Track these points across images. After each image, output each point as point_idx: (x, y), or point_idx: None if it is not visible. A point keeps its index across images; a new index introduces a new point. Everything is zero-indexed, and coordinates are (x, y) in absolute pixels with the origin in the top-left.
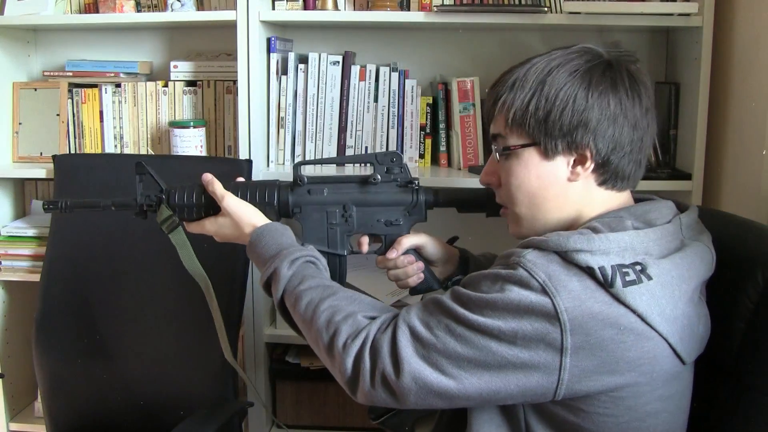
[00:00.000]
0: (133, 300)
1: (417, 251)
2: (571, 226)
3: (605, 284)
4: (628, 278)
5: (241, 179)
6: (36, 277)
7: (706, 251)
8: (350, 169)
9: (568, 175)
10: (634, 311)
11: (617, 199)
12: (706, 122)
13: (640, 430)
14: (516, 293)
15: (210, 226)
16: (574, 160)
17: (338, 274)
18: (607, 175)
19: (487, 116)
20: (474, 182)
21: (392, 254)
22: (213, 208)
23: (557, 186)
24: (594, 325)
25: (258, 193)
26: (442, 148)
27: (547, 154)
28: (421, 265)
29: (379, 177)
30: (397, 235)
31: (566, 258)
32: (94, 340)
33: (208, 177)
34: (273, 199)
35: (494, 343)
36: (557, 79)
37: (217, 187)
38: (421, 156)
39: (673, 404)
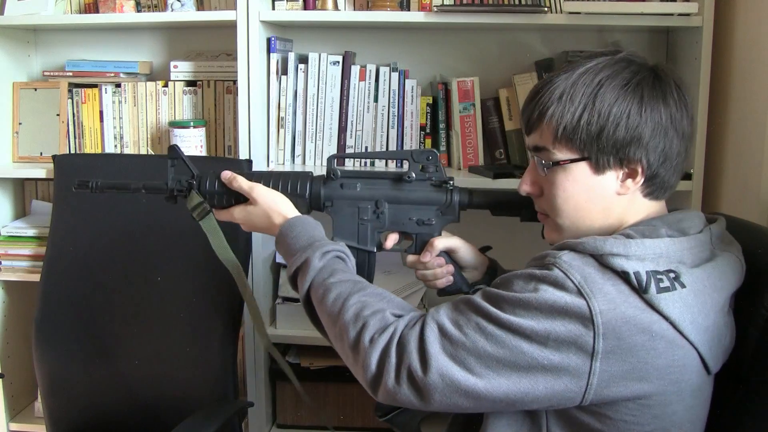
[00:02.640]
0: (133, 300)
1: (448, 254)
2: (611, 231)
3: (639, 290)
4: (662, 285)
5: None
6: (36, 277)
7: (737, 262)
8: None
9: (617, 189)
10: (666, 318)
11: (655, 207)
12: (706, 122)
13: None
14: (551, 293)
15: (239, 214)
16: (624, 174)
17: (366, 272)
18: (654, 186)
19: (526, 127)
20: (483, 182)
21: (426, 257)
22: (243, 195)
23: (605, 199)
24: (627, 329)
25: (290, 184)
26: (442, 148)
27: (598, 168)
28: (450, 268)
29: (414, 175)
30: (429, 234)
31: (602, 261)
32: (94, 340)
33: (228, 174)
34: (305, 191)
35: (525, 344)
36: (608, 94)
37: (241, 182)
38: None
39: (695, 415)
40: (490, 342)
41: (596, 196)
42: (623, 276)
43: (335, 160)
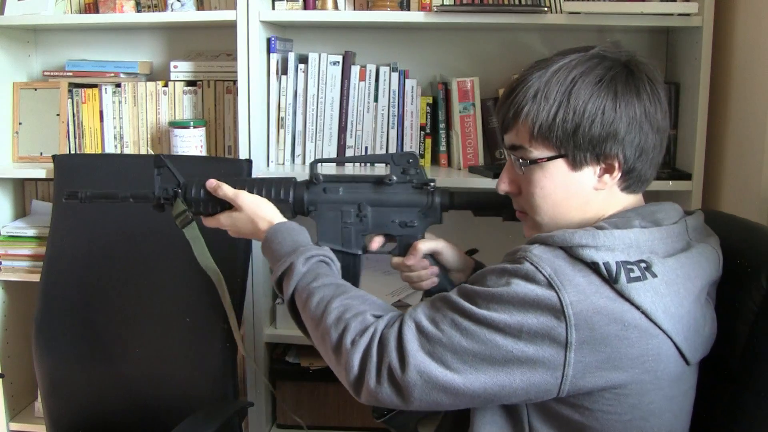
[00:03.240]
0: (133, 300)
1: (433, 256)
2: (587, 225)
3: (610, 280)
4: (632, 275)
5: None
6: (36, 277)
7: (713, 252)
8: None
9: (595, 185)
10: (638, 308)
11: (632, 200)
12: (706, 122)
13: (643, 429)
14: (522, 287)
15: (225, 220)
16: (601, 170)
17: (352, 274)
18: (631, 180)
19: (502, 126)
20: (483, 183)
21: (410, 260)
22: (226, 204)
23: (583, 195)
24: (599, 320)
25: (273, 190)
26: (442, 148)
27: (575, 165)
28: (435, 269)
29: (395, 177)
30: (412, 236)
31: (571, 253)
32: (94, 340)
33: (213, 183)
34: (288, 196)
35: (499, 337)
36: (583, 90)
37: (226, 189)
38: (421, 156)
39: (677, 405)
40: (466, 337)
41: (574, 192)
42: (593, 267)
43: (317, 165)
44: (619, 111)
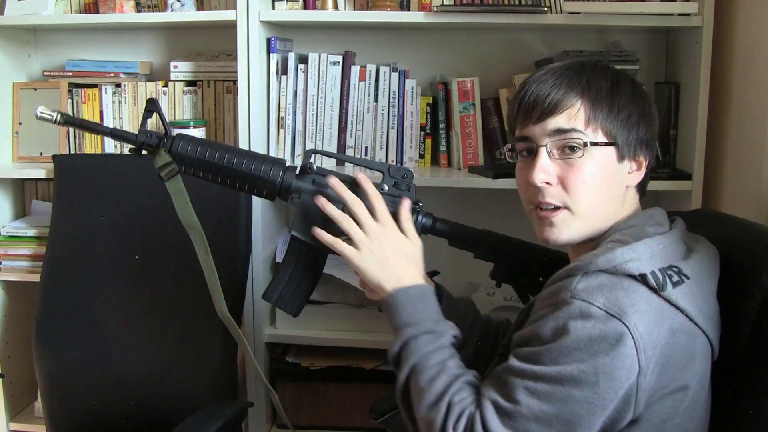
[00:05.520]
0: (133, 300)
1: None
2: (604, 228)
3: (657, 288)
4: (673, 280)
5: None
6: (36, 277)
7: (714, 250)
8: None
9: (625, 181)
10: (682, 311)
11: (638, 203)
12: (706, 122)
13: (687, 429)
14: (581, 328)
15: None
16: (634, 166)
17: (321, 267)
18: (646, 181)
19: (544, 112)
20: (483, 183)
21: None
22: (230, 175)
23: (619, 188)
24: (657, 334)
25: (263, 167)
26: (442, 148)
27: (621, 156)
28: None
29: (386, 187)
30: None
31: (617, 272)
32: (94, 340)
33: (321, 200)
34: (277, 177)
35: (577, 391)
36: (629, 86)
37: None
38: (421, 156)
39: (708, 401)
40: (545, 401)
41: (614, 183)
42: (641, 279)
43: (313, 155)
44: (654, 112)
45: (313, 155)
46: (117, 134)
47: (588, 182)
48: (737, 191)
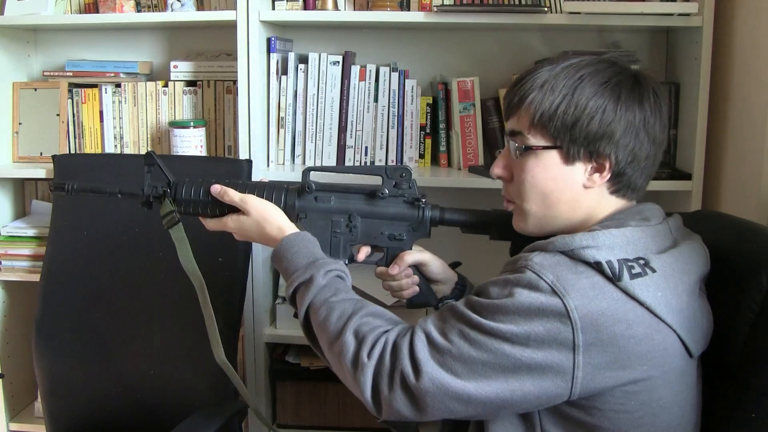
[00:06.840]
0: (133, 300)
1: (417, 267)
2: (577, 228)
3: (613, 278)
4: (633, 271)
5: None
6: (36, 277)
7: (701, 248)
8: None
9: (584, 182)
10: (642, 304)
11: (623, 206)
12: (706, 122)
13: (654, 425)
14: (525, 296)
15: (232, 223)
16: (592, 168)
17: None
18: (621, 185)
19: (506, 111)
20: (483, 183)
21: (394, 270)
22: (219, 205)
23: (572, 190)
24: (604, 321)
25: (265, 195)
26: (442, 148)
27: (568, 158)
28: (415, 278)
29: (387, 191)
30: (399, 249)
31: (573, 256)
32: (94, 339)
33: (217, 188)
34: (280, 202)
35: (507, 346)
36: (588, 88)
37: (232, 194)
38: (421, 156)
39: (683, 399)
40: (475, 347)
41: (563, 185)
42: (596, 267)
43: (310, 174)
44: (619, 113)
45: (310, 172)
46: (125, 192)
47: (530, 183)
48: (737, 191)
